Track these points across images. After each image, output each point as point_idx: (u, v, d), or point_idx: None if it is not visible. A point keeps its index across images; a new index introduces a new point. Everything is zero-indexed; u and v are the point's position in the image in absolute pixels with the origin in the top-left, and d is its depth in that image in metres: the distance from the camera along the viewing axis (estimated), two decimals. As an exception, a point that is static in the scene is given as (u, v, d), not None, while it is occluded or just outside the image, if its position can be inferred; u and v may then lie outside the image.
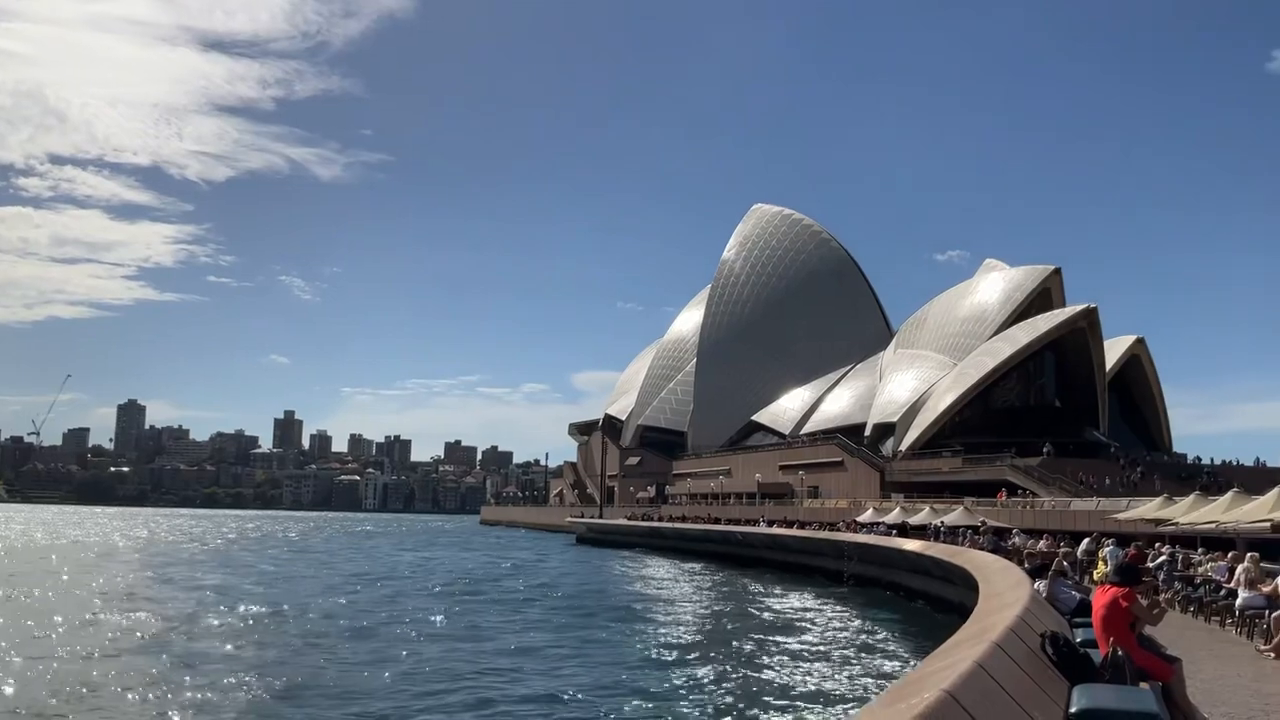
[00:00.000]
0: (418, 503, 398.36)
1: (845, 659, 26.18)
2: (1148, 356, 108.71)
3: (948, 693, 4.78)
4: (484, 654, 26.71)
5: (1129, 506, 44.99)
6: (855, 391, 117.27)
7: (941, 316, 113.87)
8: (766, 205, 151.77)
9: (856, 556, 50.40)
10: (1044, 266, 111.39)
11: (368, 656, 25.71)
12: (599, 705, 20.01)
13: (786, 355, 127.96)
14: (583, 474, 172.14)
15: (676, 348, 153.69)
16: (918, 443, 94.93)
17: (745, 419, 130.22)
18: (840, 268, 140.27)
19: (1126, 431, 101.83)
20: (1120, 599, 8.33)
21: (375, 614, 35.63)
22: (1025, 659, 7.27)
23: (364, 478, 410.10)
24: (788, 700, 20.18)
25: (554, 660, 26.02)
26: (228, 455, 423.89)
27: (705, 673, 23.79)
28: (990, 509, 60.66)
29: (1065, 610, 12.77)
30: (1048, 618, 10.97)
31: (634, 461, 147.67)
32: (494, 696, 20.89)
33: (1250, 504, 27.98)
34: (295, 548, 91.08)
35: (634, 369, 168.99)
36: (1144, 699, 6.85)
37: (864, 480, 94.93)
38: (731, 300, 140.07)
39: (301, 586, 47.36)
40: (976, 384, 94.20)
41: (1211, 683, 11.48)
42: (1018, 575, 16.88)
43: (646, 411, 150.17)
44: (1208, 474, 78.04)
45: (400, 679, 22.56)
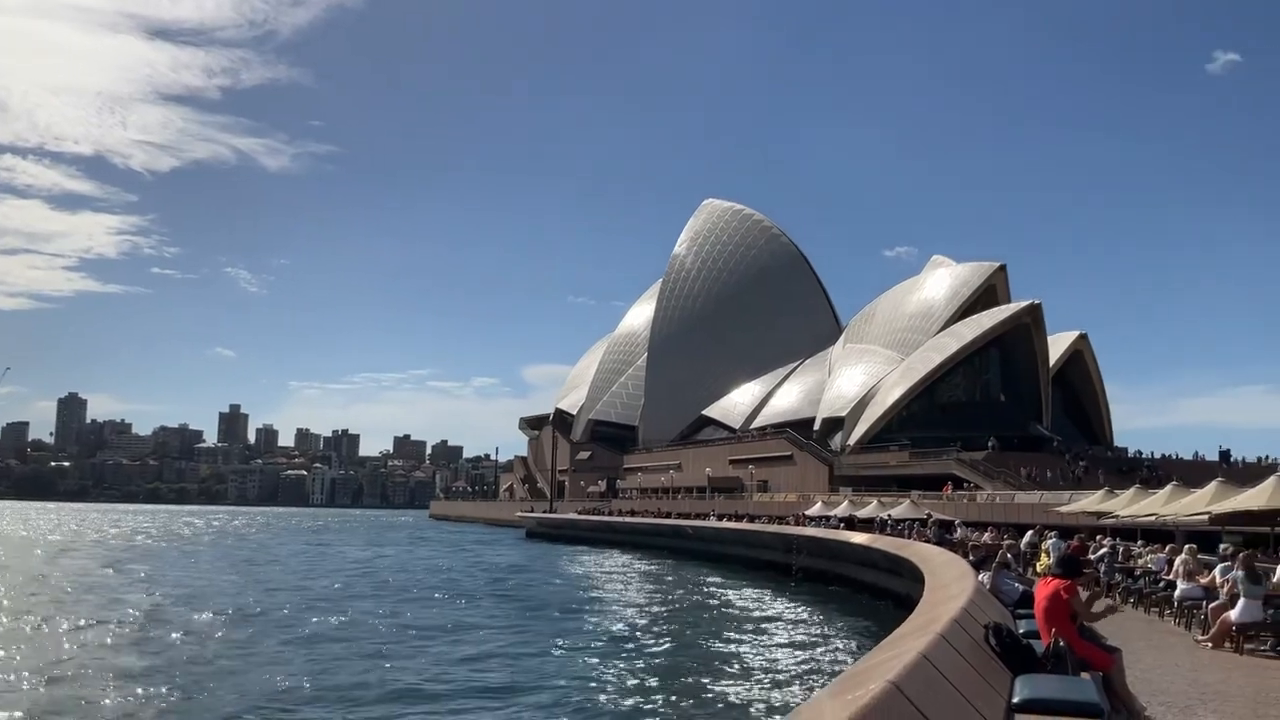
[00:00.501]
0: (366, 498, 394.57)
1: (792, 651, 26.36)
2: (1090, 352, 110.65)
3: (893, 684, 4.82)
4: (431, 648, 26.54)
5: (1071, 500, 45.76)
6: (805, 386, 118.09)
7: (889, 312, 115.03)
8: (718, 200, 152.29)
9: (805, 550, 50.77)
10: (989, 263, 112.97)
11: (333, 659, 25.44)
12: (548, 697, 19.98)
13: (737, 350, 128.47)
14: (533, 468, 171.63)
15: (628, 342, 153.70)
16: (866, 437, 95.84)
17: (696, 413, 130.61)
18: (790, 263, 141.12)
19: (1069, 426, 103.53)
20: (1062, 591, 8.46)
21: (324, 613, 35.25)
22: (969, 650, 7.37)
23: (311, 472, 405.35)
24: (734, 693, 20.28)
25: (500, 655, 25.88)
26: (171, 450, 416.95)
27: (651, 666, 23.83)
28: (936, 502, 61.40)
29: (1009, 602, 12.95)
30: (991, 609, 11.12)
31: (585, 456, 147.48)
32: (440, 689, 20.79)
33: (1188, 497, 28.56)
34: (244, 549, 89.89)
35: (585, 363, 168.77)
36: (1084, 689, 6.97)
37: (813, 474, 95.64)
38: (682, 295, 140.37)
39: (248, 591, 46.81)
40: (923, 379, 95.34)
41: (1150, 672, 11.71)
42: (962, 567, 17.10)
43: (597, 406, 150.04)
44: (1148, 468, 79.60)
45: (360, 679, 22.37)
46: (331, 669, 23.11)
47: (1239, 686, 11.05)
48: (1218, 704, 9.87)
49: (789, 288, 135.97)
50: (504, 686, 21.45)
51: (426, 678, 22.31)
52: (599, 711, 18.85)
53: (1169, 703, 9.75)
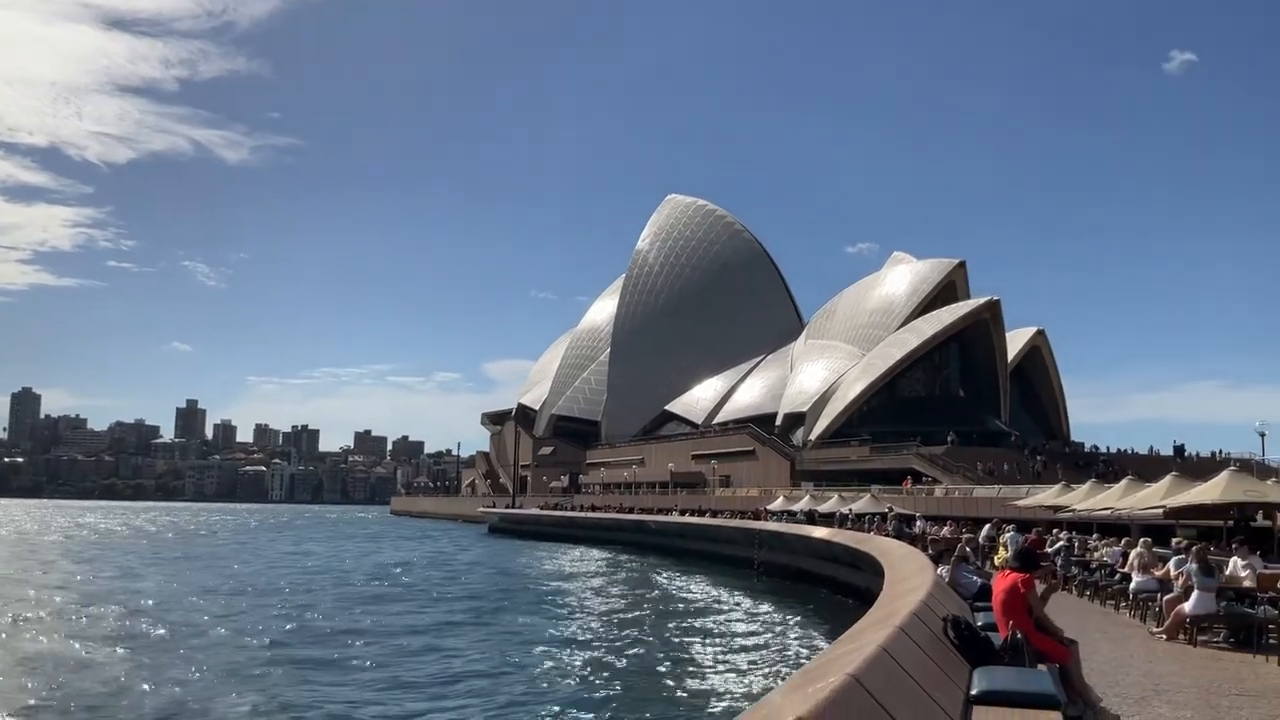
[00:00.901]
0: (326, 493, 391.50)
1: (754, 645, 26.46)
2: (1047, 348, 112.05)
3: (853, 676, 4.81)
4: (391, 645, 26.35)
5: (1029, 493, 46.24)
6: (767, 381, 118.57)
7: (851, 308, 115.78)
8: (681, 196, 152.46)
9: (767, 545, 50.93)
10: (949, 260, 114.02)
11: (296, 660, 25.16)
12: (504, 696, 19.90)
13: (699, 345, 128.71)
14: (495, 464, 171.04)
15: (590, 337, 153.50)
16: (827, 432, 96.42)
17: (658, 409, 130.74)
18: (753, 259, 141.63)
19: (1027, 420, 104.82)
20: (1019, 584, 8.53)
21: (266, 617, 34.90)
22: (928, 643, 7.39)
23: (270, 468, 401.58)
24: (696, 686, 20.33)
25: (460, 651, 25.74)
26: (127, 446, 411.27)
27: (611, 662, 23.81)
28: (896, 496, 61.84)
29: (967, 595, 13.04)
30: (950, 602, 11.20)
31: (547, 451, 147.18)
32: (401, 685, 20.64)
33: (1143, 491, 28.97)
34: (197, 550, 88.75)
35: (548, 358, 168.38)
36: (1041, 680, 7.02)
37: (775, 469, 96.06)
38: (645, 290, 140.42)
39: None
40: (884, 374, 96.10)
41: (1106, 664, 11.85)
42: (921, 561, 17.22)
43: (560, 401, 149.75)
44: (1104, 462, 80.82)
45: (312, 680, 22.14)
46: (268, 679, 22.69)
47: (1192, 677, 11.21)
48: (1172, 694, 10.00)
49: (751, 283, 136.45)
50: (462, 683, 21.31)
51: (379, 680, 22.11)
52: (558, 707, 18.78)
53: (1124, 694, 9.86)
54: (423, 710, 18.76)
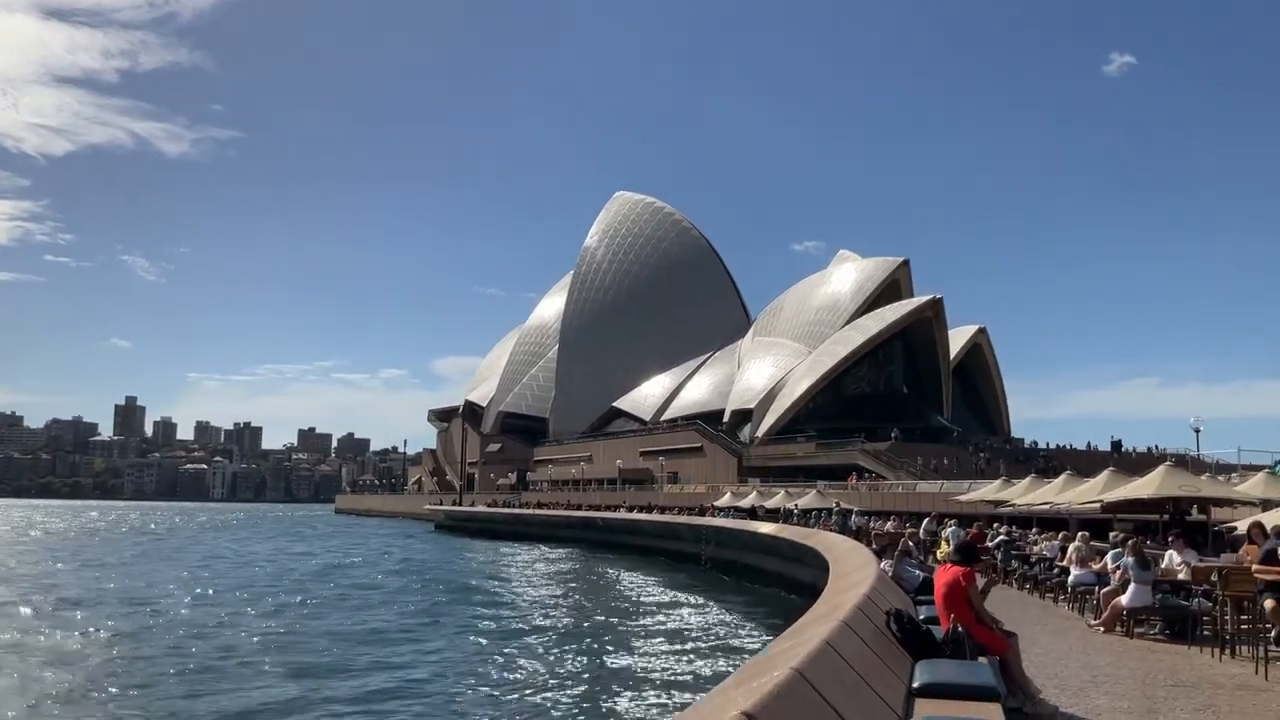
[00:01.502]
0: (269, 492, 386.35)
1: (700, 640, 26.55)
2: (989, 345, 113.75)
3: (796, 670, 4.83)
4: (331, 643, 26.04)
5: (971, 489, 46.86)
6: (714, 378, 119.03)
7: (797, 305, 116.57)
8: (629, 193, 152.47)
9: (714, 540, 51.15)
10: (893, 258, 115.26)
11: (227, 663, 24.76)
12: (449, 694, 19.76)
13: (648, 342, 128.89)
14: (442, 461, 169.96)
15: (539, 334, 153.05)
16: (774, 428, 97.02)
17: (607, 405, 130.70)
18: (701, 256, 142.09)
19: (968, 417, 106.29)
20: (960, 578, 8.64)
21: (220, 616, 34.34)
22: (871, 636, 7.46)
23: (211, 466, 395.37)
24: (642, 681, 20.33)
25: (403, 648, 25.51)
26: (64, 443, 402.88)
27: (559, 658, 23.75)
28: (842, 492, 62.41)
29: (910, 589, 13.18)
30: (893, 596, 11.31)
31: (495, 448, 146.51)
32: (348, 689, 20.42)
33: (1082, 486, 29.43)
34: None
35: (495, 355, 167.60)
36: (982, 673, 7.11)
37: (722, 465, 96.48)
38: (594, 287, 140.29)
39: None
40: (829, 371, 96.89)
41: (1046, 656, 12.03)
42: (866, 555, 17.38)
43: (508, 398, 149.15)
44: (1043, 458, 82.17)
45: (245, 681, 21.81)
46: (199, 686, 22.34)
47: (1129, 669, 11.41)
48: (1109, 685, 10.18)
49: (699, 280, 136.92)
50: (403, 683, 21.12)
51: (315, 685, 21.84)
52: (504, 706, 18.69)
53: (1063, 685, 10.01)
54: (360, 712, 18.58)
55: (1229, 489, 27.10)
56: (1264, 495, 24.01)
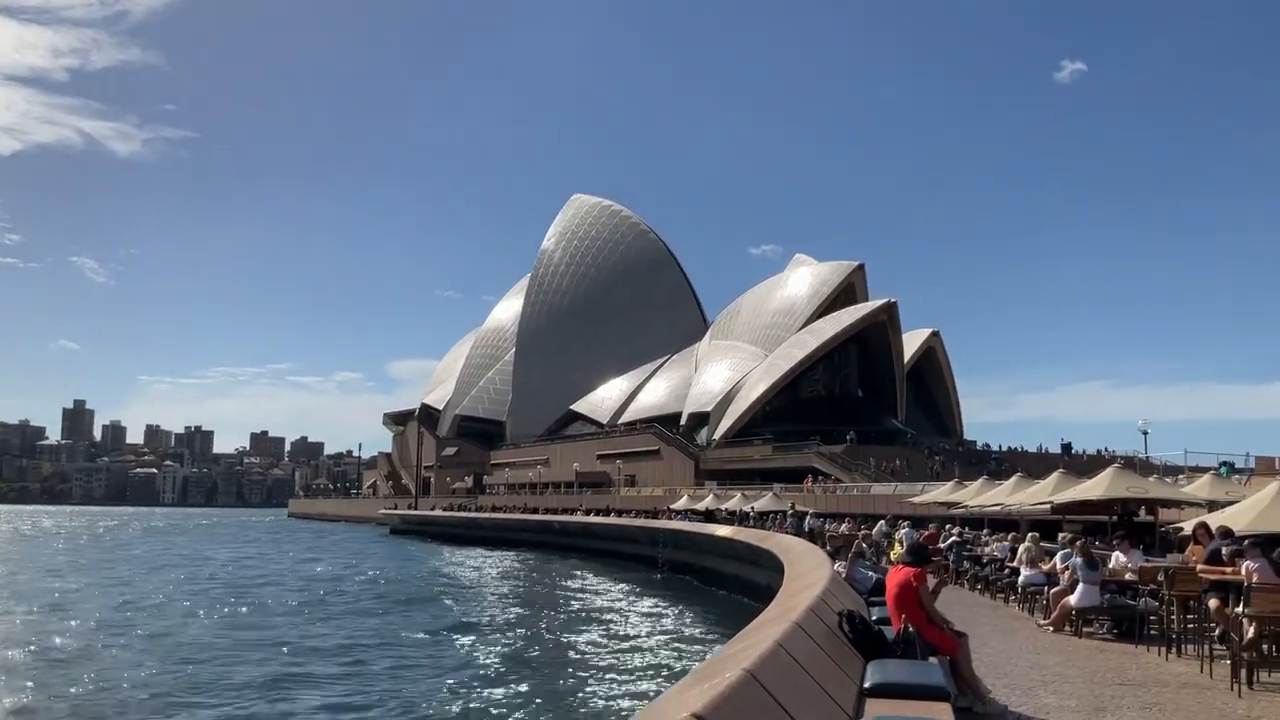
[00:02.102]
0: (221, 496, 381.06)
1: (656, 643, 26.55)
2: (942, 348, 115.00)
3: (748, 672, 4.84)
4: (281, 648, 25.72)
5: (924, 490, 47.31)
6: (671, 381, 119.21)
7: (754, 309, 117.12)
8: (586, 196, 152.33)
9: (671, 543, 51.22)
10: (848, 263, 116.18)
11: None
12: (402, 697, 19.59)
13: (605, 345, 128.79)
14: (398, 465, 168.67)
15: (496, 337, 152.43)
16: (730, 431, 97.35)
17: (564, 409, 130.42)
18: (658, 259, 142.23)
19: (922, 419, 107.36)
20: (912, 578, 8.71)
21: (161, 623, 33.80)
22: (824, 637, 7.49)
23: (162, 470, 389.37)
24: (596, 684, 20.28)
25: (355, 655, 25.24)
26: (11, 447, 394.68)
27: (511, 661, 23.64)
28: (797, 494, 62.77)
29: (863, 590, 13.28)
30: (846, 597, 11.38)
31: (451, 452, 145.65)
32: (290, 694, 20.17)
33: (1032, 488, 29.81)
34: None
35: (452, 358, 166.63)
36: (932, 673, 7.17)
37: (679, 468, 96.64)
38: (551, 290, 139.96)
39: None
40: (786, 374, 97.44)
41: (996, 656, 12.14)
42: (820, 557, 17.51)
43: (464, 401, 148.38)
44: (995, 460, 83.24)
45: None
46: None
47: (1078, 668, 11.56)
48: (1058, 685, 10.30)
49: (656, 284, 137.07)
50: (352, 688, 20.90)
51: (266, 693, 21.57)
52: (457, 709, 18.56)
53: (1012, 684, 10.12)
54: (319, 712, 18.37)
55: (1175, 490, 27.63)
56: (1209, 496, 24.49)
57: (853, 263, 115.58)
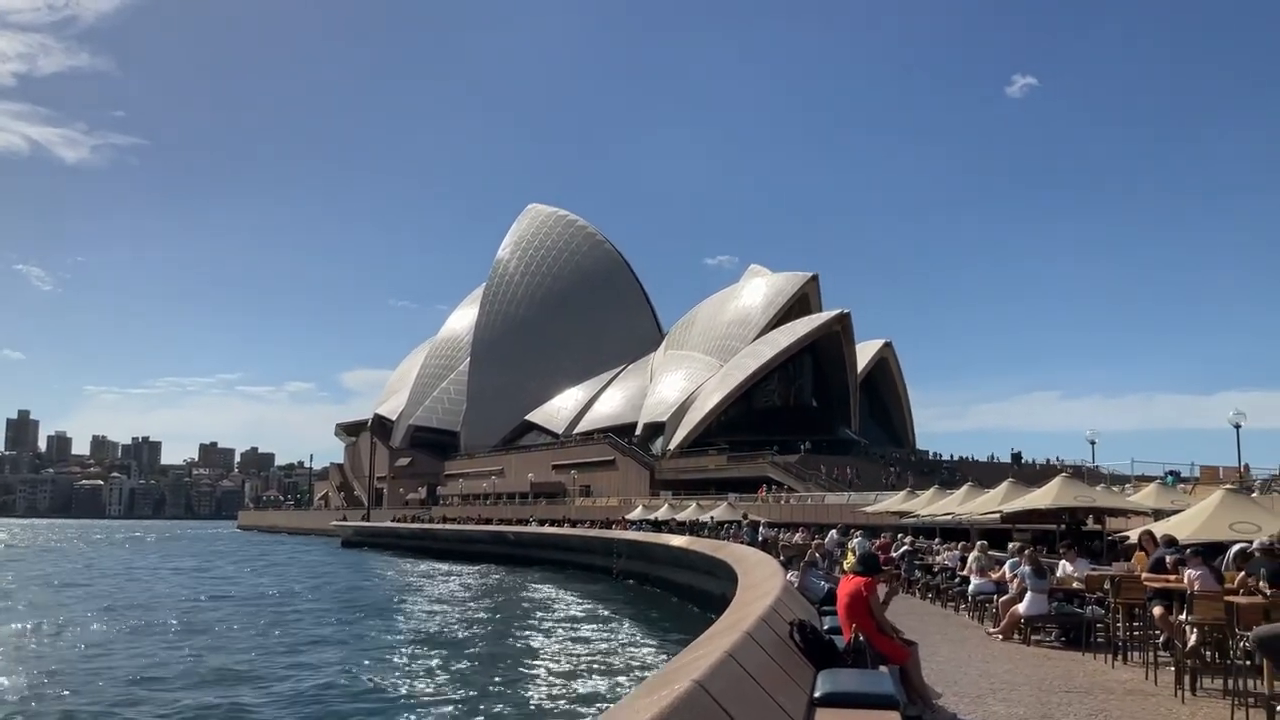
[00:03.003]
0: (169, 508, 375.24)
1: (608, 653, 26.46)
2: (895, 359, 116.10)
3: (697, 683, 4.83)
4: (226, 659, 25.30)
5: (877, 500, 47.68)
6: (627, 391, 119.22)
7: (709, 319, 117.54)
8: (541, 205, 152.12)
9: (626, 553, 51.17)
10: (802, 273, 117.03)
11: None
12: (348, 708, 19.35)
13: (560, 355, 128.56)
14: (350, 476, 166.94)
15: (450, 346, 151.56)
16: (686, 441, 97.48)
17: (519, 419, 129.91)
18: (613, 269, 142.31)
19: (875, 429, 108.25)
20: (862, 588, 8.76)
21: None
22: (774, 647, 7.50)
23: (108, 482, 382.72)
24: (548, 696, 20.17)
25: (302, 667, 24.89)
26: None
27: (465, 672, 23.46)
28: (752, 504, 62.96)
29: (815, 599, 13.33)
30: (798, 607, 11.42)
31: (404, 462, 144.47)
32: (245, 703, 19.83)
33: (982, 497, 30.13)
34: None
35: (406, 367, 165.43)
36: (882, 681, 7.20)
37: (635, 478, 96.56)
38: (506, 299, 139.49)
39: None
40: (740, 384, 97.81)
41: (946, 664, 12.24)
42: (773, 567, 17.56)
43: (418, 411, 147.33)
44: (946, 469, 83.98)
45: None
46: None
47: (1025, 676, 11.67)
48: (1006, 693, 10.39)
49: (612, 294, 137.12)
50: (306, 708, 20.61)
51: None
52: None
53: (962, 692, 10.20)
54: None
55: (1122, 499, 27.99)
56: (1155, 505, 24.84)
57: (807, 273, 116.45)
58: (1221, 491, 17.42)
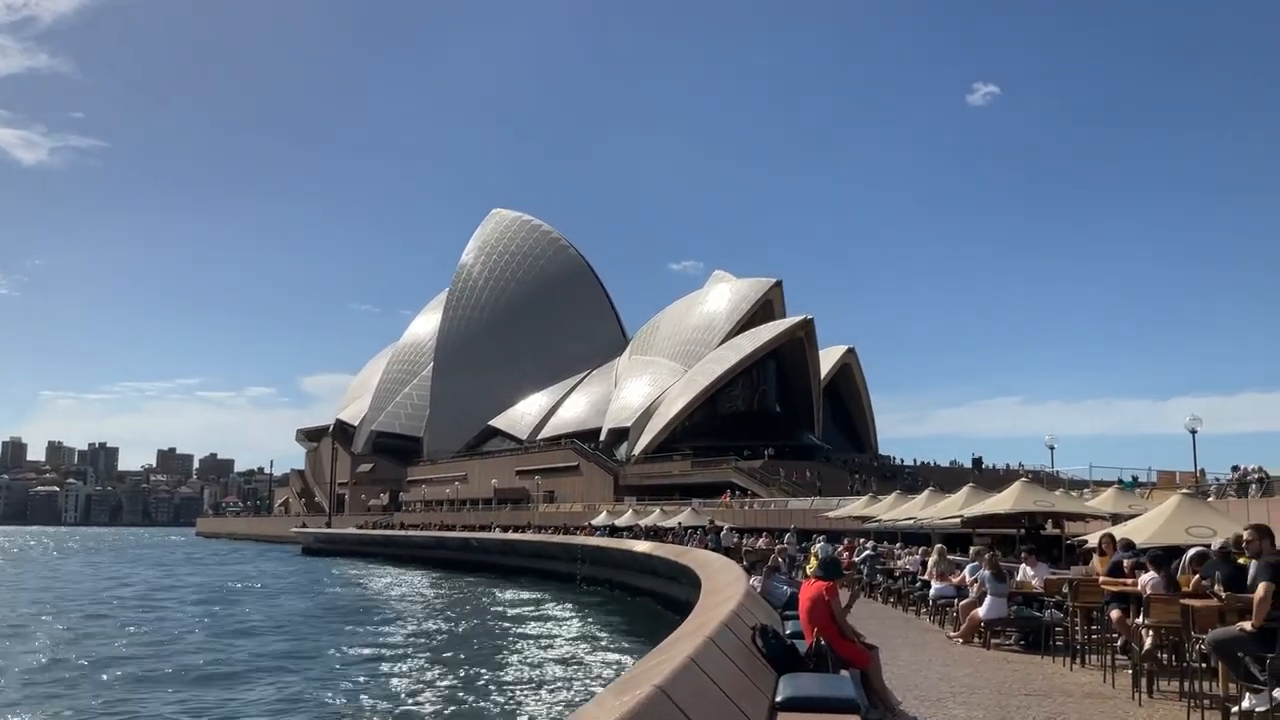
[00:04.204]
0: (126, 515, 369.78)
1: (571, 660, 26.41)
2: (857, 365, 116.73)
3: (659, 688, 4.82)
4: (183, 673, 24.97)
5: (840, 505, 47.90)
6: (591, 397, 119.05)
7: (673, 325, 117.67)
8: (506, 210, 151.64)
9: (590, 559, 51.08)
10: (766, 279, 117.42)
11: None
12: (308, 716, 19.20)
13: (524, 360, 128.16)
14: (311, 482, 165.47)
15: (413, 351, 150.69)
16: (650, 447, 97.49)
17: (482, 424, 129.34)
18: (578, 275, 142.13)
19: (838, 434, 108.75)
20: (824, 592, 8.78)
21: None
22: (736, 652, 7.50)
23: (64, 488, 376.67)
24: (511, 704, 20.08)
25: (264, 678, 24.62)
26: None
27: (430, 678, 23.31)
28: (716, 509, 63.06)
29: (777, 604, 13.35)
30: (760, 611, 11.43)
31: (367, 468, 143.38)
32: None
33: (943, 501, 30.36)
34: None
35: (368, 372, 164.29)
36: (843, 686, 7.22)
37: (599, 484, 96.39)
38: (470, 304, 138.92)
39: None
40: (705, 390, 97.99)
41: (907, 668, 12.32)
42: (736, 572, 17.60)
43: (381, 416, 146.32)
44: (908, 474, 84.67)
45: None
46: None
47: (985, 679, 11.77)
48: (966, 696, 10.47)
49: (576, 299, 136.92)
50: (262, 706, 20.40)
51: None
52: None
53: (922, 696, 10.26)
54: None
55: (1080, 504, 28.30)
56: (1113, 510, 25.12)
57: (771, 279, 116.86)
58: (1178, 496, 17.62)
